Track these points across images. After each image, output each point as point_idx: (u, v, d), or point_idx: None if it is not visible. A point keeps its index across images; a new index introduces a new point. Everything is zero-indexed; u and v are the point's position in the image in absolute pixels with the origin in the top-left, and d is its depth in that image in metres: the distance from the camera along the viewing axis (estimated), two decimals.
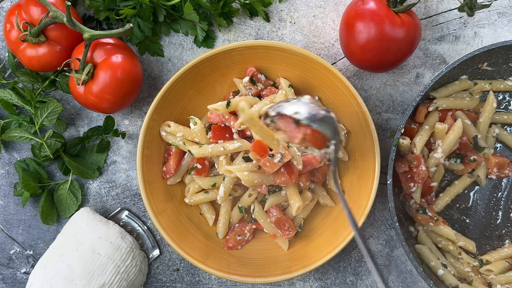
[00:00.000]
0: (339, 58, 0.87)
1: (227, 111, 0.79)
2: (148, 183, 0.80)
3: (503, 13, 0.86)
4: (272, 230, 0.82)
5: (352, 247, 0.88)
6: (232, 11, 0.85)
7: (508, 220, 0.85)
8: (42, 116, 0.82)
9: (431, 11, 0.86)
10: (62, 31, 0.79)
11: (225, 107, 0.79)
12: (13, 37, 0.79)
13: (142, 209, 0.89)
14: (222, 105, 0.79)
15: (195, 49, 0.88)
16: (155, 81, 0.88)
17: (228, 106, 0.79)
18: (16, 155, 0.88)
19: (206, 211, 0.85)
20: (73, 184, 0.87)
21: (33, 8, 0.77)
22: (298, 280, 0.88)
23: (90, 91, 0.77)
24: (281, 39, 0.87)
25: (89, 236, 0.81)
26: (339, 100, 0.81)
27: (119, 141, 0.89)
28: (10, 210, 0.89)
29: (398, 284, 0.87)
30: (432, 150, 0.81)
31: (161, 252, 0.88)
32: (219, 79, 0.84)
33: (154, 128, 0.81)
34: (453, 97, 0.82)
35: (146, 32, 0.84)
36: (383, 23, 0.74)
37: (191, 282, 0.88)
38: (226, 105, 0.79)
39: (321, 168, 0.81)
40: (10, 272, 0.89)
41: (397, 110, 0.87)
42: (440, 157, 0.79)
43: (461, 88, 0.83)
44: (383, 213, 0.87)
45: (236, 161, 0.80)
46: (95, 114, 0.89)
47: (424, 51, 0.86)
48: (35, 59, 0.79)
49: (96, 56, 0.78)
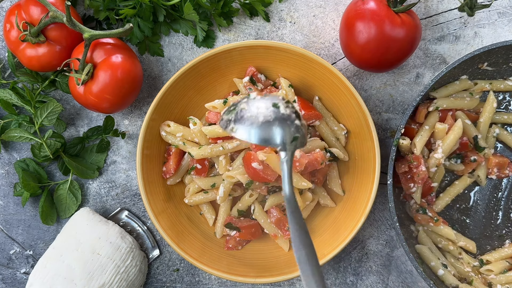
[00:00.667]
0: (339, 58, 0.87)
1: (225, 108, 0.79)
2: (148, 183, 0.80)
3: (503, 13, 0.85)
4: (272, 230, 0.82)
5: (353, 247, 0.87)
6: (232, 11, 0.85)
7: (508, 220, 0.85)
8: (42, 116, 0.82)
9: (431, 11, 0.86)
10: (62, 31, 0.79)
11: (222, 105, 0.79)
12: (12, 37, 0.79)
13: (142, 209, 0.89)
14: (220, 103, 0.79)
15: (195, 49, 0.88)
16: (155, 81, 0.88)
17: (225, 103, 0.79)
18: (16, 155, 0.88)
19: (206, 211, 0.85)
20: (73, 184, 0.87)
21: (32, 8, 0.77)
22: (298, 280, 0.88)
23: (90, 91, 0.77)
24: (281, 39, 0.87)
25: (89, 236, 0.81)
26: (339, 100, 0.81)
27: (119, 141, 0.89)
28: (10, 210, 0.89)
29: (398, 284, 0.87)
30: (432, 150, 0.81)
31: (161, 252, 0.88)
32: (219, 79, 0.84)
33: (154, 128, 0.81)
34: (453, 97, 0.82)
35: (146, 32, 0.84)
36: (383, 23, 0.74)
37: (191, 282, 0.88)
38: (223, 103, 0.79)
39: (322, 169, 0.81)
40: (10, 272, 0.89)
41: (397, 110, 0.87)
42: (441, 157, 0.79)
43: (461, 88, 0.83)
44: (383, 213, 0.87)
45: (236, 163, 0.79)
46: (95, 114, 0.89)
47: (424, 51, 0.86)
48: (35, 59, 0.79)
49: (96, 56, 0.77)
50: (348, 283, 0.87)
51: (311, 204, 0.84)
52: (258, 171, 0.74)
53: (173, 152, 0.83)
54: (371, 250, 0.87)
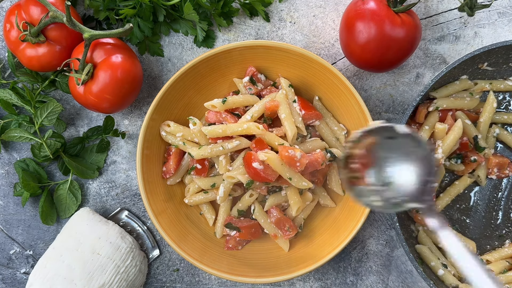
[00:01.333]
0: (339, 58, 0.87)
1: (224, 107, 0.79)
2: (148, 183, 0.80)
3: (503, 13, 0.85)
4: (272, 230, 0.82)
5: (352, 247, 0.87)
6: (232, 11, 0.85)
7: (509, 220, 0.85)
8: (42, 116, 0.82)
9: (431, 11, 0.86)
10: (62, 31, 0.79)
11: (221, 104, 0.79)
12: (12, 37, 0.79)
13: (142, 209, 0.89)
14: (219, 102, 0.79)
15: (195, 49, 0.88)
16: (155, 81, 0.88)
17: (224, 102, 0.79)
18: (16, 155, 0.88)
19: (206, 211, 0.85)
20: (73, 184, 0.87)
21: (33, 8, 0.77)
22: (298, 280, 0.88)
23: (90, 91, 0.77)
24: (281, 39, 0.87)
25: (89, 236, 0.81)
26: (339, 100, 0.81)
27: (119, 141, 0.89)
28: (10, 210, 0.89)
29: (398, 284, 0.87)
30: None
31: (161, 252, 0.88)
32: (219, 79, 0.84)
33: (154, 128, 0.81)
34: (453, 97, 0.82)
35: (146, 32, 0.84)
36: (383, 23, 0.74)
37: (191, 282, 0.88)
38: (222, 102, 0.79)
39: (322, 169, 0.81)
40: (10, 272, 0.89)
41: (397, 110, 0.87)
42: (441, 157, 0.79)
43: (461, 88, 0.83)
44: (383, 213, 0.87)
45: (236, 163, 0.79)
46: (95, 114, 0.89)
47: (424, 51, 0.86)
48: (35, 59, 0.79)
49: (96, 56, 0.77)
50: (348, 283, 0.87)
51: (311, 204, 0.84)
52: (259, 171, 0.74)
53: (173, 152, 0.83)
54: (371, 250, 0.87)
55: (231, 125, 0.77)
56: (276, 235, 0.82)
